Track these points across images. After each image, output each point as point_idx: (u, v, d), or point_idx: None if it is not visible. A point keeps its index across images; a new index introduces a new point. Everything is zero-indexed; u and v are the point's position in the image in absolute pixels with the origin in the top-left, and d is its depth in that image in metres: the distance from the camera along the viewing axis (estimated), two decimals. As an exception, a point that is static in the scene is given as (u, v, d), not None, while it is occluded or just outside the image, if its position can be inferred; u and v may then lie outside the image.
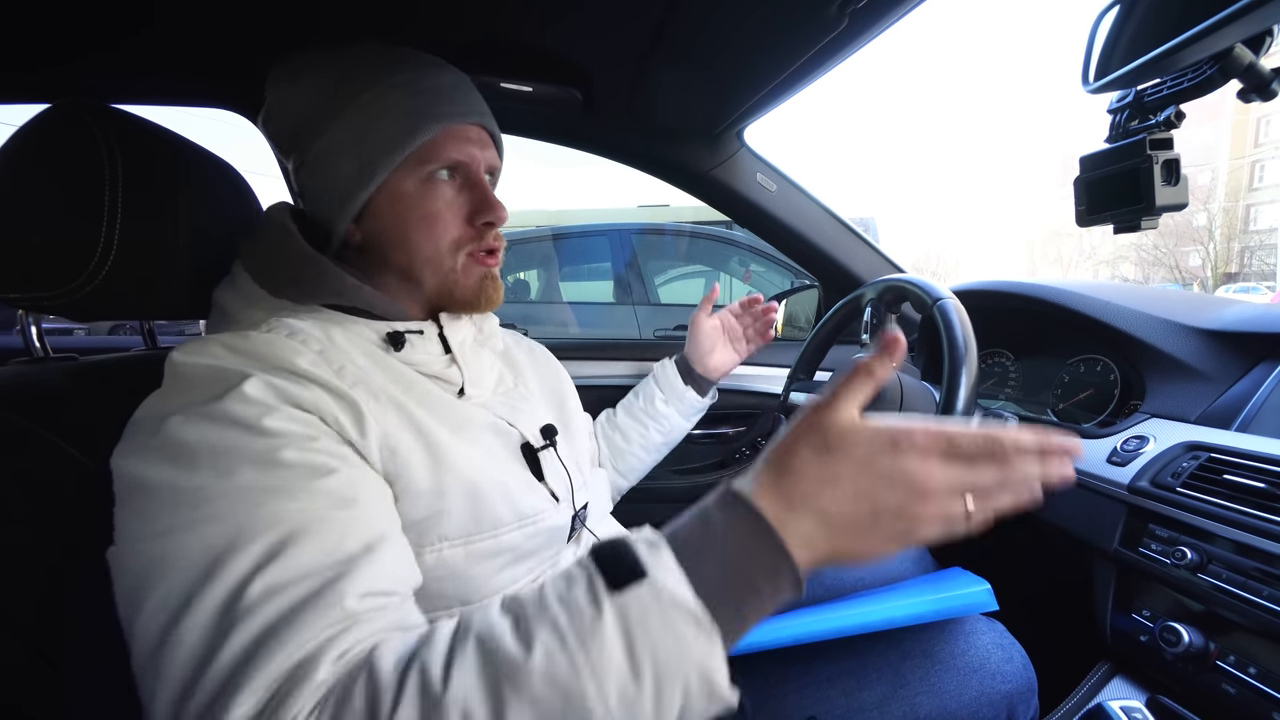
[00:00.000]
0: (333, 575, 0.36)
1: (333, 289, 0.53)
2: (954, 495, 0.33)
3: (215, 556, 0.35)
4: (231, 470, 0.38)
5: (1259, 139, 29.69)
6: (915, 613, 0.61)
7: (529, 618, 0.32)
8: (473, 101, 0.58)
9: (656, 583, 0.31)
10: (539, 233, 3.38)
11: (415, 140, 0.53)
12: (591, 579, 0.32)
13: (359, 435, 0.45)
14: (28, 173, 0.49)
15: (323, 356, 0.47)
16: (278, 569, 0.35)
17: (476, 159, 0.57)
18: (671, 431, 0.93)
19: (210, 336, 0.47)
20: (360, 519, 0.40)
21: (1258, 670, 0.53)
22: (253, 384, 0.42)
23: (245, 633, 0.33)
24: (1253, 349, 0.74)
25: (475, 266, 0.58)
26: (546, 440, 0.61)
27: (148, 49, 0.78)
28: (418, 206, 0.54)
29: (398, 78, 0.53)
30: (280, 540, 0.36)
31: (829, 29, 0.69)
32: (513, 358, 0.72)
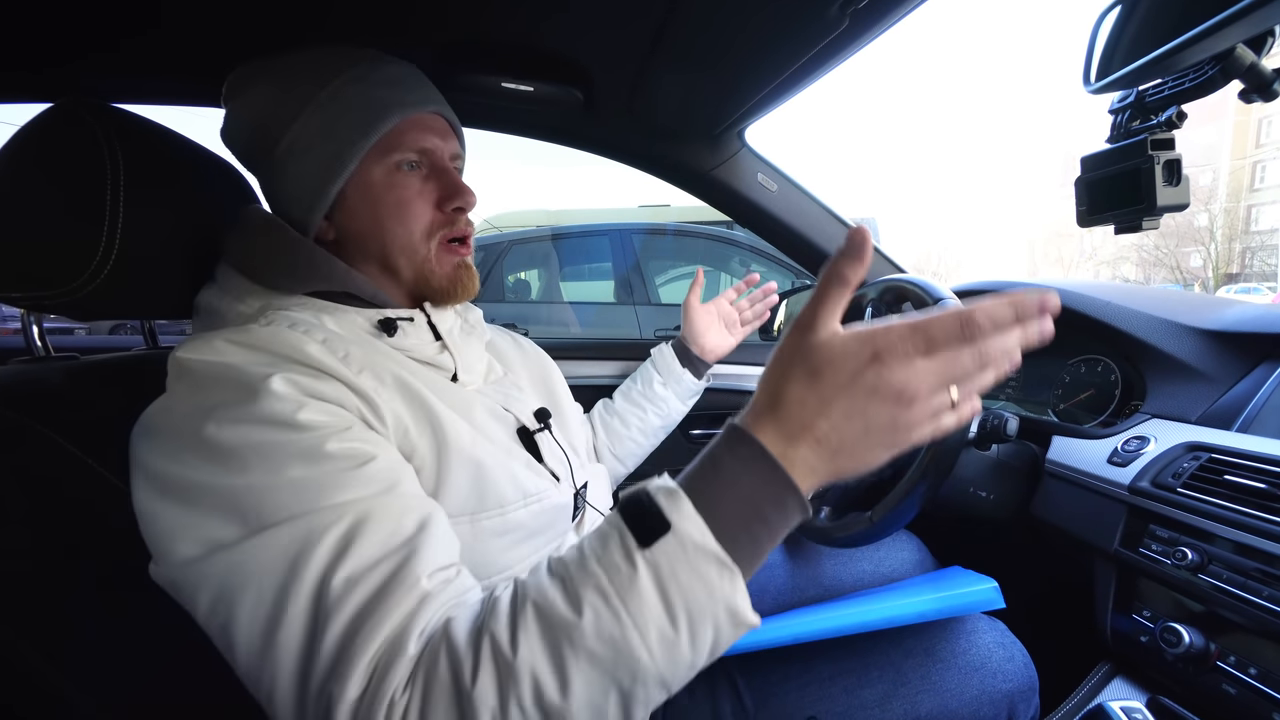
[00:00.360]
0: (401, 558, 0.38)
1: (323, 274, 0.53)
2: (940, 391, 0.34)
3: (293, 557, 0.37)
4: (281, 468, 0.39)
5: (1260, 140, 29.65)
6: (920, 610, 0.61)
7: (575, 581, 0.35)
8: (429, 90, 0.59)
9: (680, 533, 0.34)
10: (539, 232, 3.38)
11: (380, 128, 0.53)
12: (623, 537, 0.35)
13: (377, 421, 0.46)
14: (28, 172, 0.49)
15: (327, 345, 0.48)
16: (353, 559, 0.37)
17: (440, 146, 0.58)
18: (669, 414, 0.94)
19: (212, 333, 0.46)
20: (407, 500, 0.42)
21: (1258, 671, 0.53)
22: (278, 381, 0.42)
23: (340, 622, 0.36)
24: (1254, 349, 0.74)
25: (448, 255, 0.58)
26: (541, 423, 0.62)
27: (149, 49, 0.78)
28: (388, 195, 0.55)
29: (354, 71, 0.54)
30: (348, 530, 0.38)
31: (830, 29, 0.69)
32: (499, 350, 0.72)
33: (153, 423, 0.43)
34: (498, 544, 0.52)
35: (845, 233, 1.38)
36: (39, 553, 0.48)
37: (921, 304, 0.77)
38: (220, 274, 0.55)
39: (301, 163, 0.54)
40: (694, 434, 1.26)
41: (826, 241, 1.23)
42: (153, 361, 0.63)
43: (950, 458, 0.64)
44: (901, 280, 0.83)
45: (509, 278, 3.35)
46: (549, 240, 3.35)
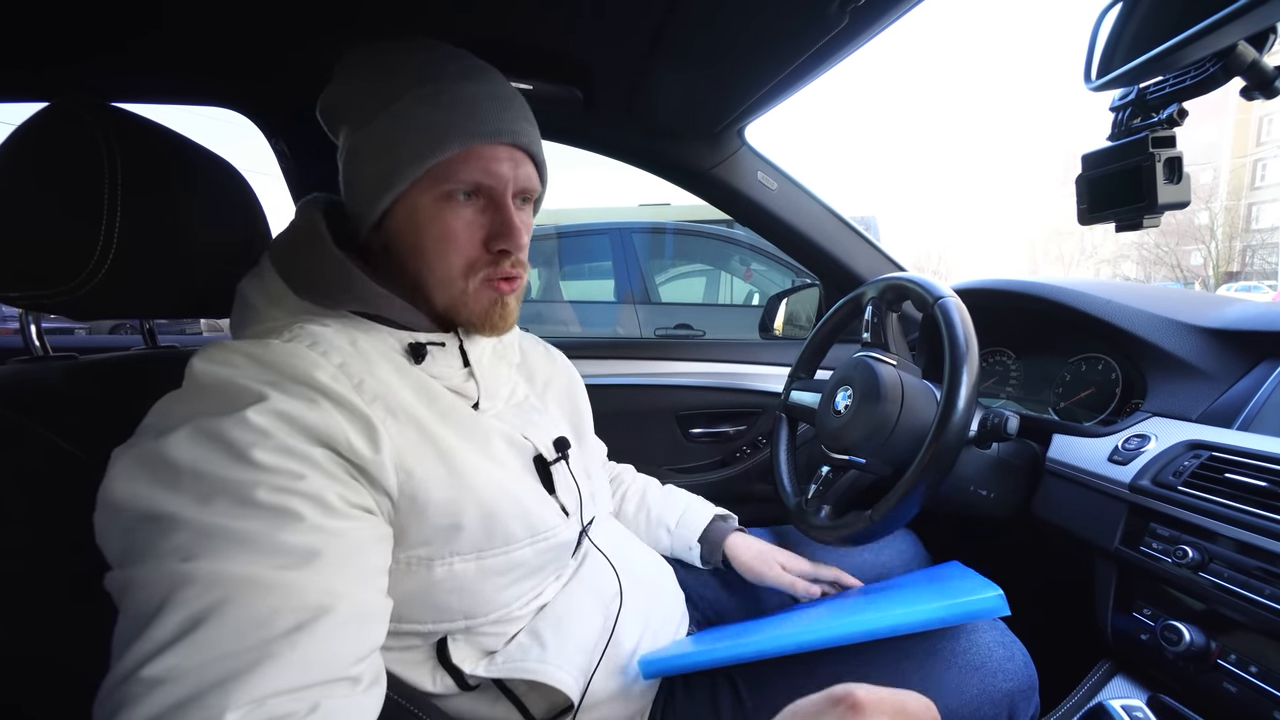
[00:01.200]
0: (234, 668, 0.34)
1: (359, 296, 0.52)
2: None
3: (151, 611, 0.35)
4: (207, 499, 0.38)
5: (1261, 138, 29.62)
6: (925, 619, 0.59)
7: None
8: (505, 119, 0.53)
9: None
10: (540, 231, 3.37)
11: (434, 158, 0.51)
12: None
13: (373, 452, 0.45)
14: (26, 171, 0.49)
15: (343, 370, 0.47)
16: (188, 646, 0.34)
17: (502, 180, 0.54)
18: (653, 546, 0.83)
19: (234, 343, 0.46)
20: (309, 583, 0.38)
21: (1259, 669, 0.53)
22: (257, 410, 0.41)
23: (138, 713, 0.33)
24: (1254, 347, 0.73)
25: (487, 291, 0.56)
26: (559, 453, 0.61)
27: (149, 48, 0.78)
28: (433, 224, 0.53)
29: (427, 88, 0.51)
30: (208, 606, 0.35)
31: (830, 27, 0.69)
32: (529, 366, 0.71)
33: (146, 420, 0.43)
34: (499, 581, 0.52)
35: (845, 231, 1.36)
36: (38, 553, 0.48)
37: (921, 302, 0.77)
38: (264, 269, 0.54)
39: (362, 168, 0.53)
40: (693, 432, 1.27)
41: (826, 240, 1.23)
42: (151, 361, 0.62)
43: (950, 456, 0.64)
44: (901, 279, 0.83)
45: (521, 288, 3.33)
46: (549, 239, 3.34)
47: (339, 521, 0.42)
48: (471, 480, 0.50)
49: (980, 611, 0.59)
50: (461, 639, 0.52)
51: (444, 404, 0.53)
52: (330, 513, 0.41)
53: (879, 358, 0.80)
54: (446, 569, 0.48)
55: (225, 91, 0.95)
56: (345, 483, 0.44)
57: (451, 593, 0.49)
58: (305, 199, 0.59)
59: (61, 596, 0.49)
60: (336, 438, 0.43)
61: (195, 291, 0.59)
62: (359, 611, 0.41)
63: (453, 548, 0.48)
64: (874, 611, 0.61)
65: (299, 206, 0.58)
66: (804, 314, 1.42)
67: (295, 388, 0.44)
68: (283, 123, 1.01)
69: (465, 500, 0.49)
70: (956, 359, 0.66)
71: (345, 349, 0.49)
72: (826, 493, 0.84)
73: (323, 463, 0.43)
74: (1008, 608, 0.58)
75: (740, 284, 3.40)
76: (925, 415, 0.75)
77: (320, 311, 0.52)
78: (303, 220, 0.55)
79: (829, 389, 0.86)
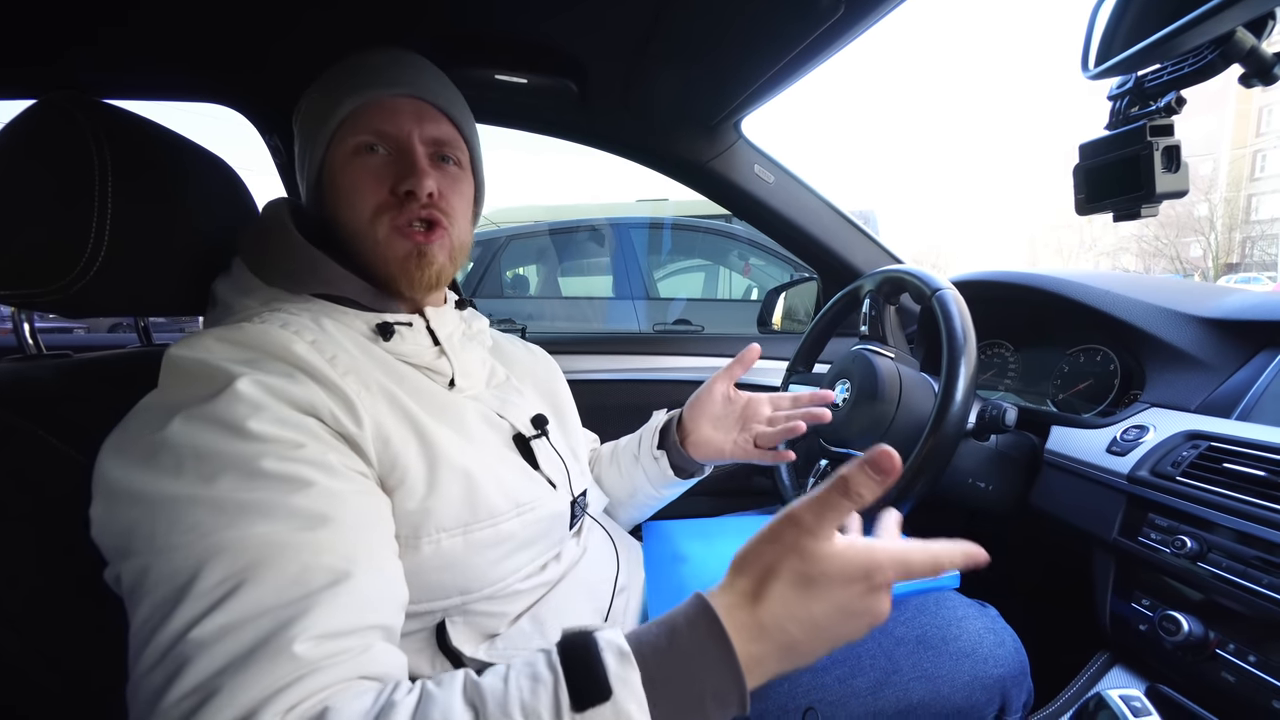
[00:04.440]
0: (287, 617, 0.35)
1: (322, 277, 0.53)
2: (886, 615, 0.37)
3: (182, 585, 0.35)
4: (213, 477, 0.38)
5: (1261, 129, 29.56)
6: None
7: (489, 718, 0.33)
8: (408, 75, 0.57)
9: (619, 707, 0.32)
10: (537, 228, 3.37)
11: (337, 113, 0.54)
12: (557, 690, 0.33)
13: (355, 427, 0.45)
14: (16, 168, 0.49)
15: (315, 346, 0.47)
16: (233, 605, 0.34)
17: (403, 127, 0.55)
18: (637, 494, 0.79)
19: (206, 331, 0.47)
20: (332, 542, 0.39)
21: (1257, 659, 0.53)
22: (245, 383, 0.41)
23: (193, 676, 0.33)
24: (1253, 337, 0.73)
25: (399, 239, 0.55)
26: (538, 429, 0.61)
27: (139, 43, 0.77)
28: (345, 177, 0.55)
29: (339, 65, 0.58)
30: (242, 569, 0.35)
31: (825, 17, 0.69)
32: (504, 352, 0.71)
33: (126, 417, 0.43)
34: (491, 555, 0.51)
35: (842, 224, 1.36)
36: (32, 552, 0.48)
37: (919, 294, 0.76)
38: (234, 266, 0.56)
39: (300, 148, 0.59)
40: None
41: (823, 233, 1.22)
42: (146, 359, 0.62)
43: (949, 449, 0.64)
44: (899, 271, 0.82)
45: (507, 273, 3.34)
46: (547, 235, 3.34)
47: (346, 484, 0.42)
48: (447, 454, 0.49)
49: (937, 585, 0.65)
50: (460, 621, 0.51)
51: (414, 383, 0.53)
52: (336, 476, 0.42)
53: (877, 351, 0.80)
54: (434, 546, 0.48)
55: (218, 87, 0.94)
56: (340, 450, 0.44)
57: (442, 570, 0.49)
58: (272, 199, 0.60)
59: (59, 595, 0.49)
60: (320, 409, 0.44)
61: (188, 288, 0.59)
62: (384, 565, 0.42)
63: (437, 523, 0.48)
64: None
65: (265, 205, 0.59)
66: (802, 308, 1.41)
67: (273, 364, 0.44)
68: (276, 118, 1.00)
69: (442, 473, 0.49)
70: (954, 351, 0.66)
71: (314, 329, 0.49)
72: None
73: (316, 431, 0.43)
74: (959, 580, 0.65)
75: (739, 279, 3.39)
76: (923, 408, 0.75)
77: (288, 298, 0.53)
78: (267, 213, 0.57)
79: (827, 382, 0.86)
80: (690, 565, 0.73)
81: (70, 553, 0.49)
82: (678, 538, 0.81)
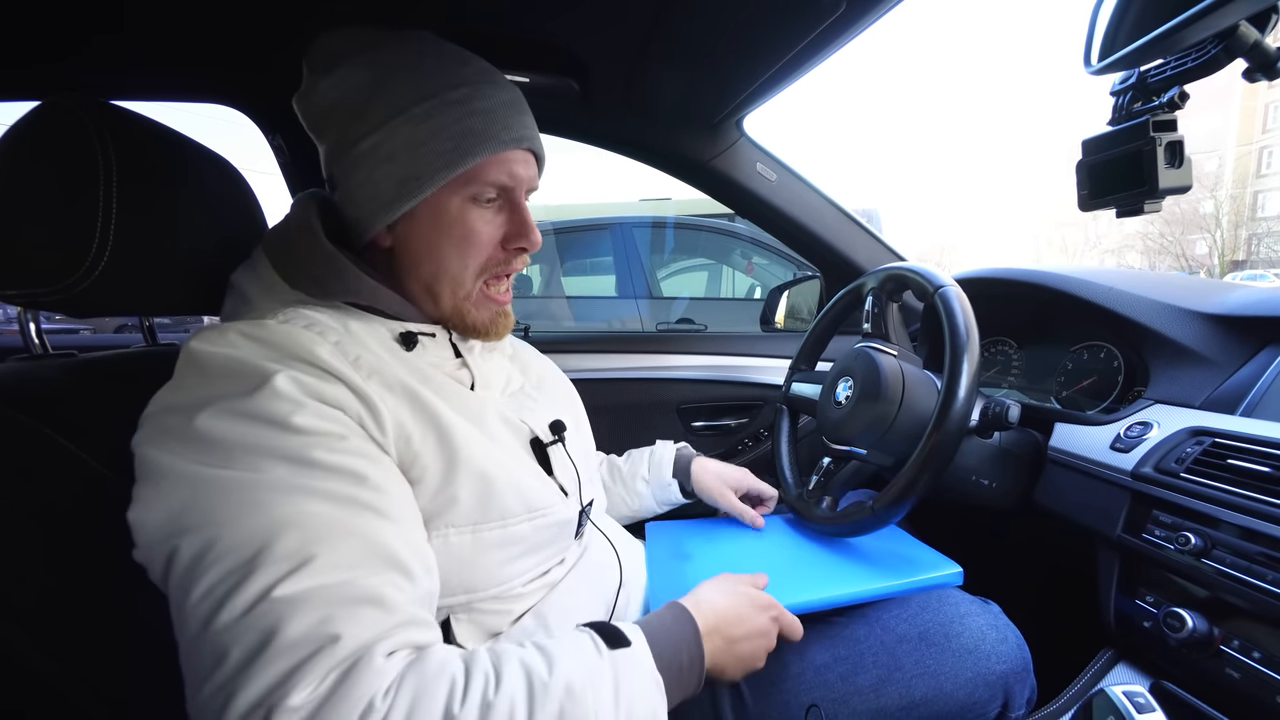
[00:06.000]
0: (370, 579, 0.39)
1: (351, 289, 0.53)
2: (771, 644, 0.58)
3: (254, 554, 0.37)
4: (264, 468, 0.39)
5: (1267, 125, 29.34)
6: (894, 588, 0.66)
7: (551, 653, 0.43)
8: (526, 124, 0.57)
9: (637, 652, 0.47)
10: (540, 227, 3.36)
11: (467, 163, 0.52)
12: (595, 639, 0.46)
13: (378, 430, 0.46)
14: (21, 169, 0.49)
15: (339, 348, 0.48)
16: (313, 570, 0.37)
17: (522, 183, 0.57)
18: (639, 510, 0.88)
19: (227, 325, 0.47)
20: (385, 526, 0.42)
21: (1262, 655, 0.53)
22: (282, 379, 0.42)
23: (297, 627, 0.35)
24: (1258, 333, 0.73)
25: (488, 303, 0.59)
26: (556, 435, 0.62)
27: (143, 44, 0.78)
28: (457, 226, 0.54)
29: (457, 93, 0.52)
30: (311, 540, 0.38)
31: (826, 14, 0.69)
32: (522, 360, 0.72)
33: (155, 408, 0.43)
34: (498, 556, 0.52)
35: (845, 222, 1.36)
36: (40, 550, 0.48)
37: (922, 292, 0.76)
38: (257, 259, 0.55)
39: (378, 169, 0.52)
40: (695, 425, 1.26)
41: (826, 231, 1.22)
42: (151, 359, 0.63)
43: (952, 446, 0.63)
44: (902, 269, 0.82)
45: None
46: (550, 235, 3.34)
47: (390, 475, 0.45)
48: (466, 452, 0.50)
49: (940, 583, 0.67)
50: (465, 618, 0.52)
51: (438, 383, 0.54)
52: (381, 467, 0.45)
53: (880, 348, 0.80)
54: (441, 540, 0.49)
55: (222, 88, 0.95)
56: (374, 445, 0.46)
57: (447, 565, 0.49)
58: (302, 194, 0.59)
59: (67, 593, 0.49)
60: (349, 409, 0.45)
61: (193, 288, 0.59)
62: (426, 557, 0.45)
63: (448, 519, 0.49)
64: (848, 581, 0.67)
65: (295, 201, 0.58)
66: (805, 306, 1.41)
67: (300, 365, 0.45)
68: (280, 119, 1.01)
69: (460, 471, 0.49)
70: (957, 348, 0.66)
71: (339, 330, 0.50)
72: (828, 484, 0.84)
73: (353, 427, 0.45)
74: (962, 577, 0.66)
75: (742, 278, 3.39)
76: (926, 405, 0.75)
77: (312, 302, 0.53)
78: (297, 214, 0.56)
79: (830, 380, 0.86)
80: (692, 563, 0.73)
81: (77, 550, 0.49)
82: (680, 537, 0.82)
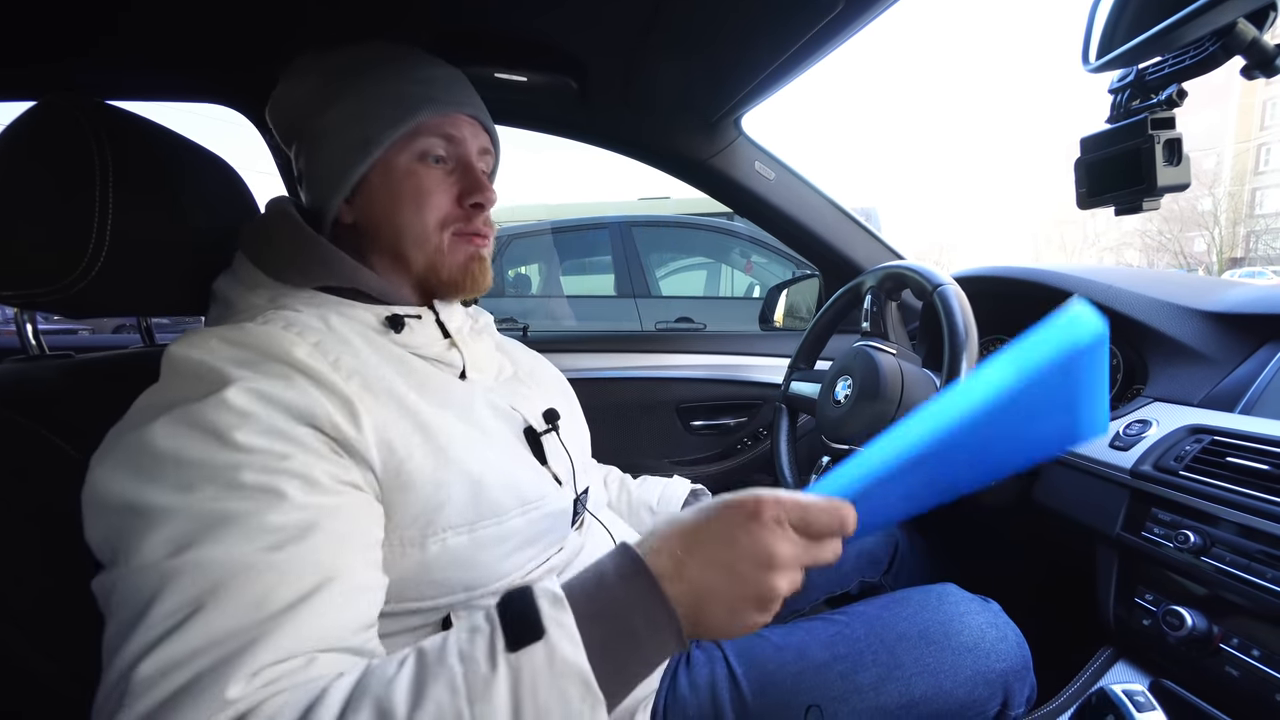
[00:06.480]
0: (232, 649, 0.34)
1: (331, 270, 0.54)
2: (797, 569, 0.37)
3: (140, 609, 0.35)
4: (191, 486, 0.38)
5: (1265, 122, 29.37)
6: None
7: (427, 672, 0.34)
8: (466, 95, 0.60)
9: (552, 644, 0.33)
10: (539, 227, 3.37)
11: (409, 121, 0.54)
12: (493, 634, 0.34)
13: (354, 431, 0.45)
14: (17, 169, 0.49)
15: (318, 348, 0.47)
16: (185, 635, 0.34)
17: (468, 144, 0.58)
18: None
19: (208, 329, 0.47)
20: (302, 561, 0.38)
21: (1261, 653, 0.53)
22: (235, 390, 0.41)
23: (134, 711, 0.33)
24: (1257, 331, 0.73)
25: (462, 245, 0.58)
26: (549, 424, 0.61)
27: (139, 42, 0.78)
28: (408, 183, 0.56)
29: (395, 65, 0.56)
30: (202, 593, 0.35)
31: (825, 12, 0.69)
32: (510, 352, 0.72)
33: (128, 412, 0.43)
34: (496, 552, 0.52)
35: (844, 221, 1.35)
36: (36, 551, 0.48)
37: (921, 290, 0.76)
38: (236, 262, 0.56)
39: (332, 145, 0.56)
40: (694, 424, 1.26)
41: (825, 230, 1.22)
42: (148, 359, 0.62)
43: (950, 444, 0.63)
44: (901, 267, 0.82)
45: (509, 272, 3.34)
46: (548, 234, 3.34)
47: (327, 498, 0.42)
48: (454, 452, 0.49)
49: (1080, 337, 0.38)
50: (465, 615, 0.51)
51: (422, 376, 0.53)
52: (318, 489, 0.41)
53: (878, 347, 0.80)
54: (440, 545, 0.48)
55: (219, 87, 0.94)
56: (332, 460, 0.43)
57: (448, 567, 0.49)
58: (274, 196, 0.61)
59: (64, 595, 0.49)
60: (318, 415, 0.43)
61: (190, 288, 0.59)
62: (353, 585, 0.41)
63: (443, 523, 0.48)
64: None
65: (268, 202, 0.60)
66: (804, 305, 1.41)
67: (272, 366, 0.44)
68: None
69: (449, 473, 0.49)
70: (956, 346, 0.66)
71: (319, 329, 0.49)
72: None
73: (308, 441, 0.42)
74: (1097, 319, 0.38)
75: (740, 276, 3.39)
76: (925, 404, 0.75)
77: (293, 293, 0.53)
78: (270, 207, 0.58)
79: (829, 379, 0.86)
80: None
81: (74, 552, 0.49)
82: None
